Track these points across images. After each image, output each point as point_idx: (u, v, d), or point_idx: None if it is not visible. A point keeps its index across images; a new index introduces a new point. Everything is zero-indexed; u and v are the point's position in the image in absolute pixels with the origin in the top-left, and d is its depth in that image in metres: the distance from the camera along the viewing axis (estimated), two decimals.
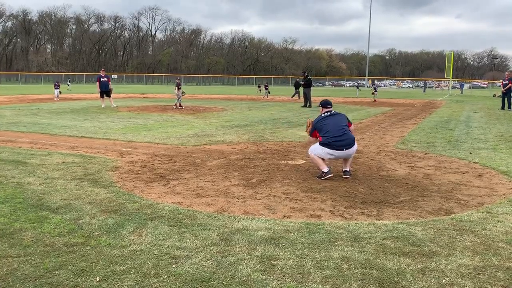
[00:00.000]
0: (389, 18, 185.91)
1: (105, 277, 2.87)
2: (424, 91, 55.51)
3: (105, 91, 19.74)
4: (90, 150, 7.95)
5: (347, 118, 6.11)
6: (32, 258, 3.15)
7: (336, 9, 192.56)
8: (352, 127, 6.08)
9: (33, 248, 3.34)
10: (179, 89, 19.36)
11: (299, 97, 28.67)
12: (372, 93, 29.27)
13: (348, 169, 5.96)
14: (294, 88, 30.56)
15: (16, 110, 16.96)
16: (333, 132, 5.78)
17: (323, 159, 5.85)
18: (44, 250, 3.30)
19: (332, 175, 5.78)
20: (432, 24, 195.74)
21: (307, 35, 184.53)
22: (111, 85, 20.29)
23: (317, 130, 5.96)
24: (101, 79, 19.89)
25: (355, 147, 5.88)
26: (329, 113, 6.02)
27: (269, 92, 32.88)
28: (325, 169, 5.78)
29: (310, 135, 6.11)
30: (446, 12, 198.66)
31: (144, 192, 5.07)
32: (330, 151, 5.76)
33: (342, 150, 5.74)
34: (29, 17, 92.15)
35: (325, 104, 6.18)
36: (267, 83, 35.61)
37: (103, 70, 21.23)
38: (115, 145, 8.64)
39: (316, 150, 5.88)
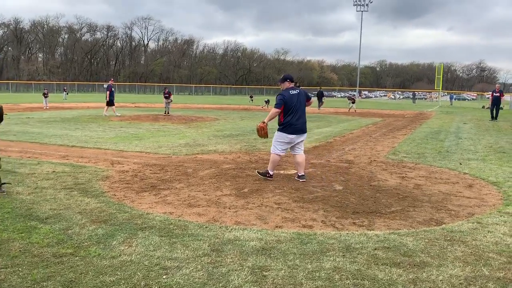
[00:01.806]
0: (382, 30, 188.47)
1: None
2: (414, 102, 56.13)
3: (111, 100, 20.41)
4: (81, 159, 7.88)
5: (306, 96, 6.38)
6: (20, 269, 3.10)
7: (330, 21, 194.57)
8: (311, 100, 6.61)
9: (21, 258, 3.28)
10: (166, 97, 22.17)
11: (319, 108, 29.21)
12: (353, 103, 29.67)
13: (303, 173, 6.36)
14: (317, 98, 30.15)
15: (6, 119, 16.73)
16: (296, 114, 6.11)
17: (278, 155, 6.32)
18: (32, 261, 3.25)
19: (272, 179, 6.26)
20: (424, 36, 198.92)
21: (300, 47, 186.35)
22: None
23: (284, 103, 6.11)
24: (112, 89, 20.53)
25: (306, 135, 6.48)
26: (296, 90, 6.24)
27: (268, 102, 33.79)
28: (271, 172, 6.35)
29: (277, 108, 6.13)
30: (439, 24, 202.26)
31: (135, 202, 5.03)
32: (288, 136, 6.17)
33: (297, 134, 6.22)
34: (21, 26, 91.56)
35: (291, 78, 6.36)
36: (268, 100, 35.83)
37: (112, 80, 21.87)
38: (106, 154, 8.59)
39: (276, 144, 6.32)
